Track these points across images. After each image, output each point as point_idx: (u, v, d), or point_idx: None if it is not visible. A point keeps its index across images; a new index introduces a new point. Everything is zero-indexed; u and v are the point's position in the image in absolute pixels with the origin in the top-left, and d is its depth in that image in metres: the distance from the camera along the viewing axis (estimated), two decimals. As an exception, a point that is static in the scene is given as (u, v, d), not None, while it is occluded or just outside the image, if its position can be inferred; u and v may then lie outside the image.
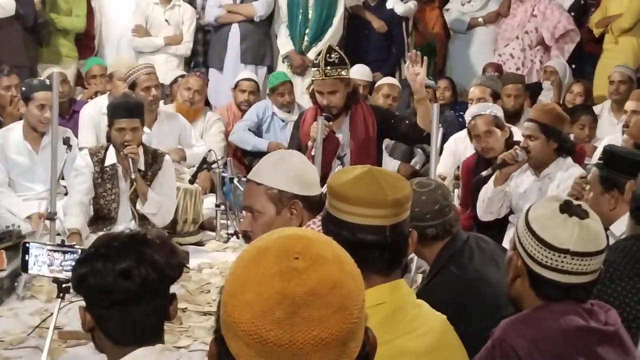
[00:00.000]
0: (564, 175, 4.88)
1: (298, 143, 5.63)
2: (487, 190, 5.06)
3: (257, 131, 7.23)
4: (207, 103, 7.89)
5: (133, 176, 5.32)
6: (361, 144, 5.39)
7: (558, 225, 2.21)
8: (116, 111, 5.34)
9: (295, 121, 5.98)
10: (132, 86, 6.28)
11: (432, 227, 3.15)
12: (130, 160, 5.28)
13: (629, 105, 5.97)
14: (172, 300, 2.18)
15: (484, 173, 5.07)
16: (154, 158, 5.50)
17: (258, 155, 7.12)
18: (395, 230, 2.15)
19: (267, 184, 2.70)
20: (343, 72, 5.23)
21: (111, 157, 5.42)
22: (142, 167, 5.41)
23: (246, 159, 7.24)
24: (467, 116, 5.52)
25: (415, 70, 5.14)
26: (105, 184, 5.43)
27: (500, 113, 5.46)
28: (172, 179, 5.63)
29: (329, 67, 5.18)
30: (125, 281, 2.08)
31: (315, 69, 5.26)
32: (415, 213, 3.10)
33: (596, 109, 7.33)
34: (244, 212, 6.41)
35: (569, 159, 4.95)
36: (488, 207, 5.08)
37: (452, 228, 3.20)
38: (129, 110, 5.31)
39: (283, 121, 7.20)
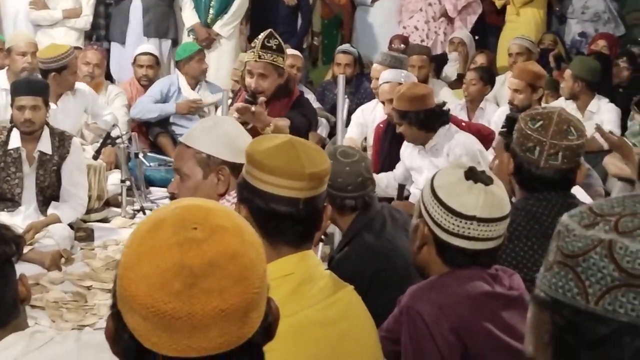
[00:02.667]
0: (452, 143, 4.93)
1: None
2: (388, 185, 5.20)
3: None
4: (110, 77, 7.75)
5: (25, 169, 5.18)
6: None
7: (464, 192, 2.22)
8: (18, 88, 5.17)
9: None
10: (61, 69, 6.08)
11: (351, 198, 3.19)
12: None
13: (510, 82, 5.91)
14: (20, 280, 1.96)
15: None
16: (61, 141, 5.28)
17: (164, 127, 7.04)
18: (309, 203, 2.12)
19: (196, 147, 2.69)
20: (278, 60, 5.13)
21: (15, 140, 5.19)
22: (48, 150, 5.20)
23: (151, 134, 7.12)
24: (380, 80, 5.58)
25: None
26: (8, 167, 5.20)
27: (410, 81, 5.47)
28: (82, 163, 5.44)
29: (263, 50, 5.09)
30: None
31: (251, 50, 5.17)
32: (338, 183, 3.12)
33: (499, 79, 7.43)
34: (149, 188, 6.37)
35: (453, 127, 5.00)
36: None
37: (371, 200, 3.23)
38: (31, 87, 5.14)
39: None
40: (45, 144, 5.20)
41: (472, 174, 2.24)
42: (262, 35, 5.14)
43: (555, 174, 2.73)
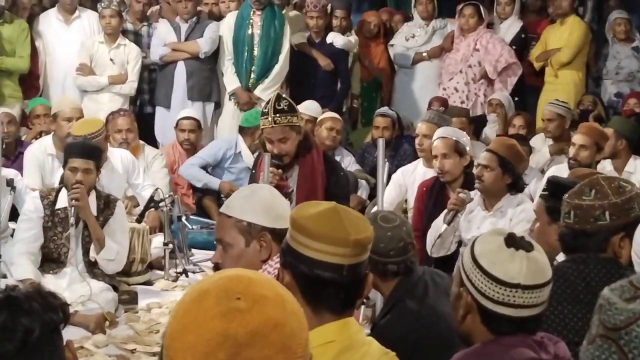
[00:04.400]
0: (517, 210, 4.92)
1: None
2: (438, 229, 5.08)
3: (215, 168, 7.15)
4: (154, 141, 7.86)
5: (71, 221, 5.19)
6: (307, 194, 5.35)
7: (506, 259, 2.21)
8: (72, 150, 5.27)
9: (253, 164, 5.95)
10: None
11: (394, 263, 3.20)
12: (74, 207, 5.16)
13: (577, 138, 5.97)
14: (67, 346, 1.89)
15: (442, 228, 5.09)
16: (107, 204, 5.38)
17: (208, 192, 7.10)
18: (353, 270, 2.16)
19: (237, 216, 2.72)
20: (293, 119, 5.18)
21: (63, 200, 5.28)
22: (93, 212, 5.28)
23: (195, 195, 7.20)
24: (435, 136, 5.60)
25: None
26: (55, 227, 5.29)
27: (464, 140, 5.48)
28: (124, 225, 5.52)
29: (278, 115, 5.13)
30: (4, 340, 1.75)
31: (264, 117, 5.20)
32: (380, 248, 3.14)
33: (537, 139, 7.43)
34: (192, 250, 6.42)
35: (520, 195, 5.00)
36: (441, 245, 5.11)
37: (412, 265, 3.24)
38: (84, 150, 5.25)
39: (248, 169, 7.14)
40: (91, 206, 5.27)
41: (513, 241, 2.23)
42: (272, 100, 5.17)
43: (600, 232, 2.76)
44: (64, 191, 5.31)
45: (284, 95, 5.50)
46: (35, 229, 5.26)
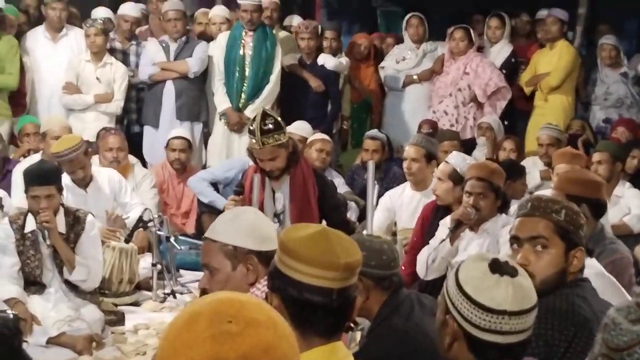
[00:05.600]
0: (502, 231, 4.91)
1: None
2: (439, 251, 5.05)
3: (226, 187, 7.05)
4: (142, 160, 7.85)
5: (47, 243, 5.19)
6: (301, 205, 5.38)
7: (491, 286, 2.19)
8: (31, 179, 5.21)
9: (241, 177, 5.95)
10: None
11: (385, 277, 3.19)
12: (45, 229, 5.15)
13: (560, 168, 5.97)
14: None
15: (442, 236, 5.07)
16: (76, 219, 5.35)
17: (212, 209, 7.03)
18: (342, 294, 2.16)
19: (222, 240, 2.72)
20: (280, 137, 5.21)
21: (31, 223, 5.26)
22: (62, 230, 5.26)
23: (199, 208, 7.14)
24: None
25: None
26: (27, 250, 5.27)
27: (465, 169, 5.41)
28: (96, 239, 5.47)
29: (264, 136, 5.16)
30: None
31: (252, 136, 5.23)
32: (383, 260, 3.14)
33: (527, 162, 7.45)
34: (180, 271, 6.40)
35: (504, 216, 5.00)
36: (439, 266, 5.08)
37: (399, 282, 3.24)
38: (42, 177, 5.19)
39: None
40: (60, 224, 5.25)
41: (498, 267, 2.21)
42: (257, 121, 5.19)
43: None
44: (31, 215, 5.28)
45: (269, 112, 5.52)
46: (9, 255, 5.24)
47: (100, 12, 8.31)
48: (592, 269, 3.34)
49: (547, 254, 2.80)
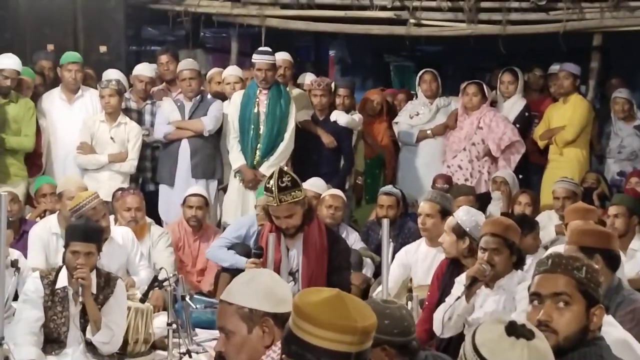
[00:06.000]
0: (519, 287, 4.88)
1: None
2: (455, 308, 5.02)
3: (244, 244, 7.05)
4: (158, 219, 7.87)
5: (81, 300, 5.21)
6: (314, 262, 5.38)
7: (507, 349, 2.19)
8: (73, 234, 5.28)
9: (255, 237, 5.96)
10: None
11: (412, 341, 3.19)
12: (79, 285, 5.18)
13: (573, 224, 5.90)
14: None
15: (458, 294, 5.05)
16: (107, 282, 5.39)
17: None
18: (360, 358, 2.15)
19: (238, 303, 2.70)
20: (297, 194, 5.24)
21: (63, 280, 5.29)
22: (94, 290, 5.29)
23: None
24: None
25: None
26: (55, 306, 5.28)
27: (469, 224, 5.42)
28: (123, 304, 5.51)
29: (282, 193, 5.18)
30: None
31: (269, 194, 5.25)
32: (385, 326, 3.14)
33: (542, 216, 7.43)
34: (196, 330, 6.39)
35: (520, 272, 4.98)
36: (455, 324, 5.02)
37: (416, 347, 3.25)
38: (87, 234, 5.26)
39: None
40: (92, 285, 5.26)
41: (514, 329, 2.21)
42: (274, 178, 5.21)
43: None
44: (64, 271, 5.31)
45: (285, 169, 5.55)
46: (36, 309, 5.25)
47: (112, 74, 8.39)
48: (610, 326, 3.32)
49: (570, 310, 2.77)
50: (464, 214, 5.53)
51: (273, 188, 5.20)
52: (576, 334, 2.77)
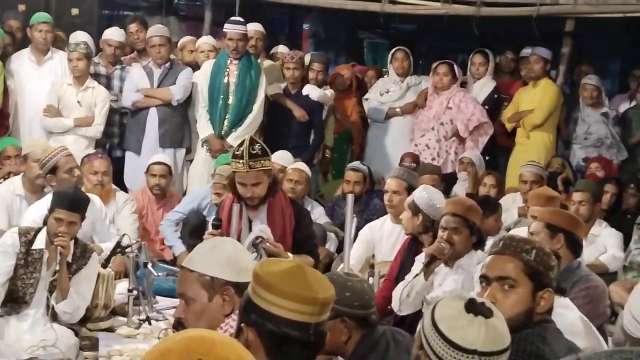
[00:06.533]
0: (477, 268, 4.93)
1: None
2: (413, 285, 5.07)
3: (199, 216, 7.11)
4: (123, 185, 7.84)
5: (57, 268, 5.18)
6: (278, 235, 5.39)
7: (465, 325, 2.23)
8: (60, 201, 5.24)
9: (216, 210, 5.96)
10: (53, 170, 6.18)
11: (362, 316, 3.21)
12: (58, 252, 5.15)
13: (534, 210, 5.96)
14: None
15: (417, 271, 5.09)
16: (83, 252, 5.36)
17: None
18: (318, 328, 2.18)
19: (199, 270, 2.72)
20: (266, 163, 5.24)
21: (40, 242, 5.25)
22: (69, 259, 5.26)
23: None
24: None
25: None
26: (27, 266, 5.24)
27: (422, 201, 5.52)
28: (93, 278, 5.49)
29: (252, 159, 5.17)
30: None
31: (238, 160, 5.22)
32: (346, 298, 3.16)
33: (507, 199, 7.49)
34: (157, 298, 6.38)
35: (479, 252, 5.03)
36: (414, 301, 5.08)
37: (375, 320, 3.27)
38: (73, 203, 5.22)
39: None
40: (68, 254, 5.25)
41: (473, 307, 2.25)
42: (245, 145, 5.21)
43: None
44: (43, 232, 5.27)
45: (256, 139, 5.54)
46: (7, 262, 5.21)
47: (80, 37, 8.30)
48: (565, 309, 3.37)
49: (514, 293, 2.81)
50: (419, 192, 5.62)
51: (244, 154, 5.18)
52: (519, 316, 2.80)
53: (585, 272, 4.44)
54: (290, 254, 5.10)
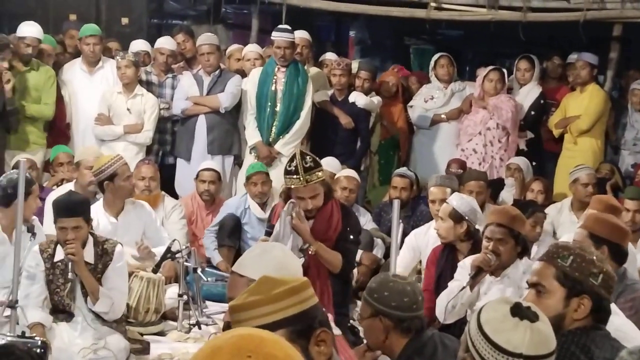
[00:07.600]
0: (524, 277, 4.91)
1: None
2: (450, 295, 5.08)
3: (234, 218, 7.29)
4: (174, 192, 7.94)
5: (70, 276, 5.18)
6: (319, 237, 5.43)
7: (510, 329, 2.25)
8: (58, 210, 5.25)
9: (268, 217, 6.02)
10: (111, 177, 6.24)
11: (413, 318, 3.24)
12: (70, 260, 5.16)
13: (629, 204, 5.85)
14: None
15: (460, 279, 5.10)
16: (105, 250, 5.35)
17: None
18: (311, 314, 2.27)
19: (249, 275, 2.74)
20: (320, 174, 5.31)
21: (60, 252, 5.27)
22: (90, 260, 5.27)
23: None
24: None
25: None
26: (57, 279, 5.29)
27: (464, 209, 5.53)
28: (123, 270, 5.47)
29: (308, 173, 5.23)
30: None
31: (293, 176, 5.27)
32: (404, 303, 3.20)
33: (555, 206, 7.44)
34: (206, 302, 6.45)
35: (525, 261, 5.01)
36: (458, 312, 5.07)
37: (423, 324, 3.30)
38: (70, 209, 5.21)
39: (260, 220, 7.24)
40: (88, 254, 5.27)
41: (519, 310, 2.27)
42: (297, 160, 5.25)
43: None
44: None
45: (306, 152, 5.59)
46: (38, 283, 5.28)
47: (139, 45, 8.44)
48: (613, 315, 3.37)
49: (545, 298, 2.81)
50: (457, 200, 5.63)
51: (298, 169, 5.22)
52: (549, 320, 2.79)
53: (631, 282, 4.38)
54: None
